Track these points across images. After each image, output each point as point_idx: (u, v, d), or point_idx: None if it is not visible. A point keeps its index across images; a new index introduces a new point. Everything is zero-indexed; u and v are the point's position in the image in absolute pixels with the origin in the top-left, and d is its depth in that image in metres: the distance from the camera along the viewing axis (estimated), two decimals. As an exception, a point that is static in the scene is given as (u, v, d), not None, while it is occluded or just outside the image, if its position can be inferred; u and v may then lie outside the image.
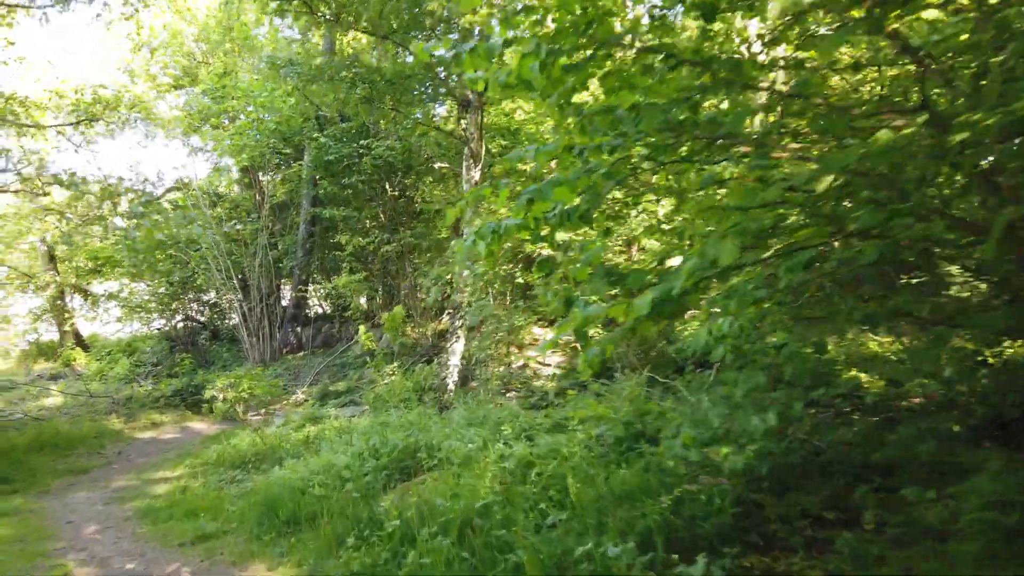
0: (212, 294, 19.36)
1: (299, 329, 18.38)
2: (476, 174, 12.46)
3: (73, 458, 9.34)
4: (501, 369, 12.53)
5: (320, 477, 6.11)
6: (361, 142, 14.58)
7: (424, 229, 15.92)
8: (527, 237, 4.17)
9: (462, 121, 12.71)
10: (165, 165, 31.09)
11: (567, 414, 6.92)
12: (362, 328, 12.37)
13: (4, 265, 19.31)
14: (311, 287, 18.70)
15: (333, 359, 15.92)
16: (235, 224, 17.68)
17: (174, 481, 7.99)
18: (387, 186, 15.74)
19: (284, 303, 18.75)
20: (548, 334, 14.72)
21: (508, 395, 11.57)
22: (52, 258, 19.61)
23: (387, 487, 5.94)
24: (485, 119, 12.67)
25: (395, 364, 14.70)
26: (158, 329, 19.62)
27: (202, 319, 19.87)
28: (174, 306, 19.12)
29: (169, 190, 19.66)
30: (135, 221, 11.16)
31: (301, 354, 17.86)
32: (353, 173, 15.23)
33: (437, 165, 12.38)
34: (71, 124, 10.07)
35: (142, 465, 9.11)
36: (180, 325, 19.63)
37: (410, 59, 13.80)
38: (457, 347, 12.38)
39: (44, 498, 7.66)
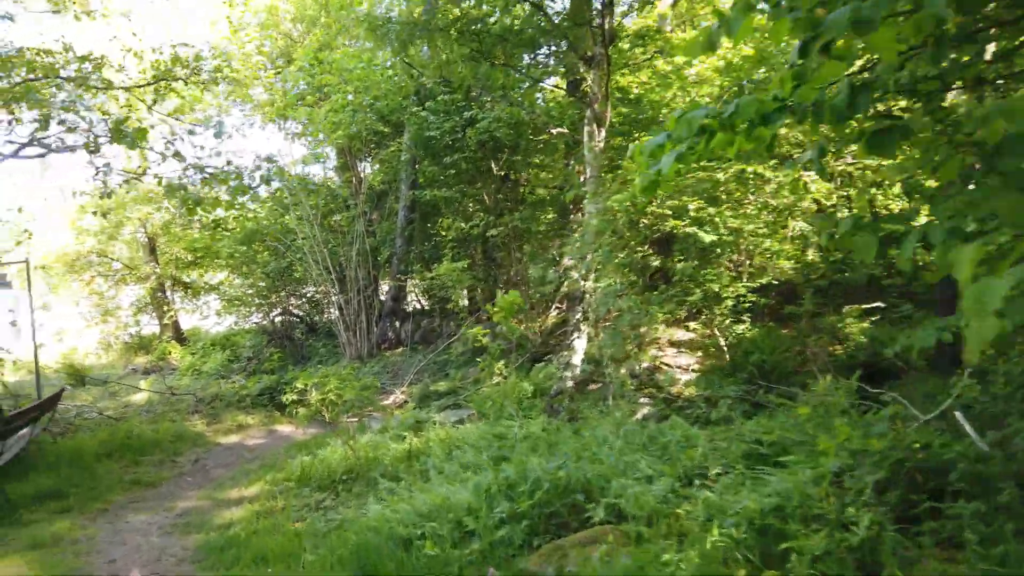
0: (310, 287, 18.15)
1: (397, 324, 16.80)
2: (600, 141, 10.40)
3: (144, 467, 7.86)
4: (623, 371, 10.42)
5: (432, 524, 4.18)
6: (465, 114, 12.76)
7: (532, 212, 14.00)
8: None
9: (586, 79, 10.65)
10: (262, 152, 30.01)
11: (759, 437, 4.76)
12: (477, 329, 10.49)
13: (107, 256, 18.69)
14: (410, 279, 17.08)
15: (434, 356, 14.19)
16: (332, 212, 16.31)
17: (249, 504, 6.30)
18: (492, 165, 13.87)
19: (381, 296, 17.24)
20: (674, 333, 12.49)
21: (641, 401, 9.48)
22: (153, 249, 18.90)
23: (530, 544, 3.94)
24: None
25: (502, 363, 12.83)
26: (255, 323, 18.58)
27: (299, 313, 18.68)
28: (272, 299, 18.00)
29: (265, 179, 18.55)
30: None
31: (400, 350, 16.27)
32: (456, 151, 13.46)
33: (555, 130, 10.38)
34: (147, 84, 8.64)
35: (218, 479, 7.51)
36: (277, 319, 18.54)
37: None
38: (579, 343, 10.38)
39: (97, 520, 6.12)
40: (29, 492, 6.45)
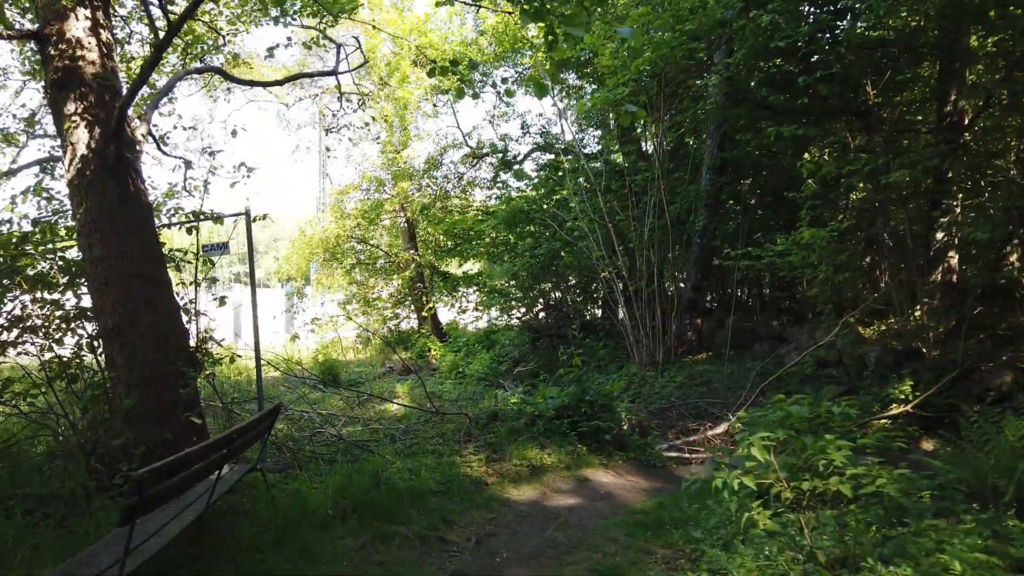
0: (581, 275, 14.55)
1: (699, 321, 12.48)
2: None
3: (394, 549, 4.38)
4: None
5: None
6: (835, 5, 8.14)
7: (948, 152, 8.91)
8: None
9: None
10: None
11: None
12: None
13: (367, 243, 16.71)
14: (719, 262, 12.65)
15: (777, 369, 9.66)
16: (612, 188, 12.45)
17: None
18: (869, 88, 9.03)
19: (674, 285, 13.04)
20: None
21: None
22: (412, 236, 16.58)
23: None
24: None
25: (908, 384, 7.97)
26: (519, 319, 15.43)
27: (570, 305, 15.17)
28: (534, 292, 14.69)
29: (535, 149, 15.33)
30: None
31: (703, 356, 11.95)
32: (816, 68, 8.87)
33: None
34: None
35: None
36: (542, 314, 15.22)
37: None
38: None
39: None
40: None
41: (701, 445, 8.28)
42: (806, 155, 9.35)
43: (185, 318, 5.86)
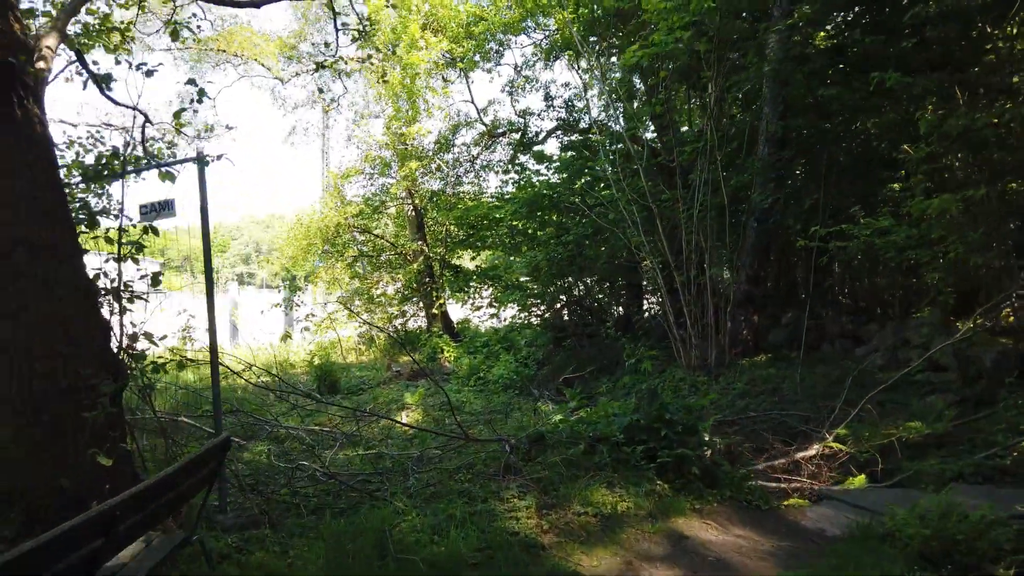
0: (603, 270, 12.75)
1: (755, 318, 10.66)
2: None
3: None
4: None
5: None
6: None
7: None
8: None
9: None
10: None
11: None
12: None
13: (371, 233, 14.92)
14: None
15: (864, 374, 7.86)
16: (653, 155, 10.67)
17: None
18: (989, 27, 7.23)
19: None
20: None
21: None
22: (420, 226, 14.79)
23: None
24: None
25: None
26: (539, 316, 13.65)
27: (597, 302, 13.39)
28: (552, 289, 12.91)
29: (559, 127, 13.54)
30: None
31: (761, 358, 10.12)
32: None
33: None
34: None
35: None
36: (565, 312, 13.44)
37: None
38: None
39: None
40: None
41: (788, 471, 6.52)
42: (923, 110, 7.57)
43: (110, 311, 4.10)
